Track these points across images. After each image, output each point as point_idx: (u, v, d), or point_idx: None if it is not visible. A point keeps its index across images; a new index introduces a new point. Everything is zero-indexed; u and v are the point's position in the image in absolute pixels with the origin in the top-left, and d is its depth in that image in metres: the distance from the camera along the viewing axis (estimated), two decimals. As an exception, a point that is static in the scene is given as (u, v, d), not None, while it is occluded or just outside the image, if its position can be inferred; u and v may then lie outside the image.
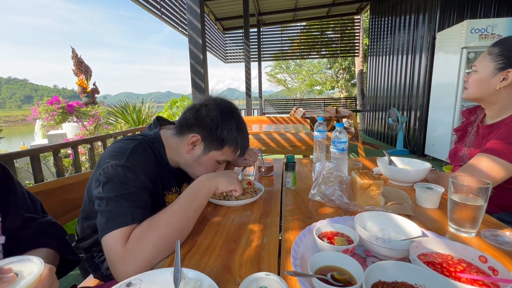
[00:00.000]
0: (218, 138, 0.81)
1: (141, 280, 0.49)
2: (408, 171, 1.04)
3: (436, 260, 0.50)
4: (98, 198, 0.66)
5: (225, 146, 0.83)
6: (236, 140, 0.83)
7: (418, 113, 4.77)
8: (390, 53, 6.00)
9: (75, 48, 6.71)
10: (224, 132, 0.81)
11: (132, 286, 0.48)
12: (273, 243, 0.65)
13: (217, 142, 0.82)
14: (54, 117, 5.19)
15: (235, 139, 0.83)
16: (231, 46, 9.68)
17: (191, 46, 2.04)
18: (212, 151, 0.83)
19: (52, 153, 1.99)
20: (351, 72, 16.61)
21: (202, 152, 0.83)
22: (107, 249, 0.60)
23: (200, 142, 0.82)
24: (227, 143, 0.83)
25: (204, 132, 0.81)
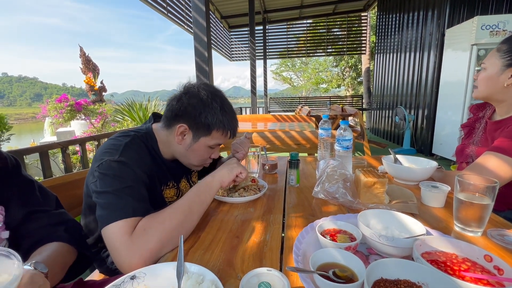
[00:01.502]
0: (204, 124, 0.82)
1: (145, 274, 0.50)
2: (413, 169, 1.03)
3: (440, 258, 0.50)
4: (96, 193, 0.67)
5: (212, 131, 0.83)
6: (222, 123, 0.83)
7: (426, 112, 4.69)
8: (398, 51, 5.90)
9: (83, 47, 6.81)
10: (209, 117, 0.81)
11: (136, 279, 0.49)
12: (275, 240, 0.66)
13: (204, 128, 0.82)
14: (63, 114, 5.28)
15: (221, 122, 0.83)
16: (237, 44, 9.68)
17: (197, 44, 2.05)
18: (201, 138, 0.84)
19: (60, 149, 2.03)
20: (357, 70, 16.42)
21: (192, 140, 0.84)
22: (109, 239, 0.60)
23: (188, 131, 0.83)
24: (214, 127, 0.83)
25: (190, 120, 0.82)
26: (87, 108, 5.56)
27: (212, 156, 0.92)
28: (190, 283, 0.47)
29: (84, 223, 0.89)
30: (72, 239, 0.64)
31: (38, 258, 0.53)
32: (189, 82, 0.88)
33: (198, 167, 0.94)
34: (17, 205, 0.60)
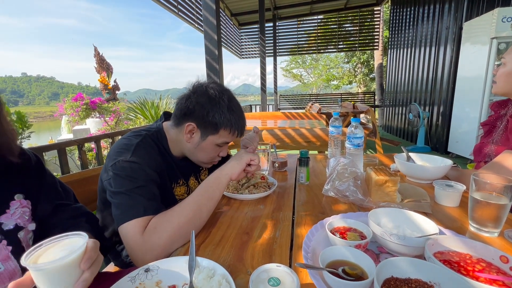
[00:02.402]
0: (211, 122, 0.83)
1: (158, 267, 0.52)
2: (427, 168, 1.00)
3: (453, 258, 0.49)
4: (110, 192, 0.70)
5: (220, 129, 0.84)
6: (230, 122, 0.84)
7: (442, 108, 4.54)
8: (412, 46, 5.73)
9: (97, 47, 6.98)
10: (216, 116, 0.82)
11: (150, 271, 0.51)
12: (285, 237, 0.66)
13: (212, 127, 0.84)
14: (79, 113, 5.46)
15: (228, 121, 0.84)
16: (247, 41, 9.66)
17: (207, 42, 2.06)
18: (209, 136, 0.85)
19: (77, 146, 2.10)
20: (369, 66, 16.06)
21: (200, 139, 0.85)
22: (125, 237, 0.64)
23: (196, 129, 0.84)
24: (221, 126, 0.84)
25: (198, 119, 0.83)
26: (101, 106, 5.72)
27: (220, 154, 0.93)
28: (201, 277, 0.48)
29: (100, 217, 0.92)
30: (92, 230, 0.67)
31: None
32: (198, 81, 0.89)
33: (207, 165, 0.96)
34: (44, 199, 0.64)
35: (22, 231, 0.57)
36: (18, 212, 0.57)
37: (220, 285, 0.45)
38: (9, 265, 0.52)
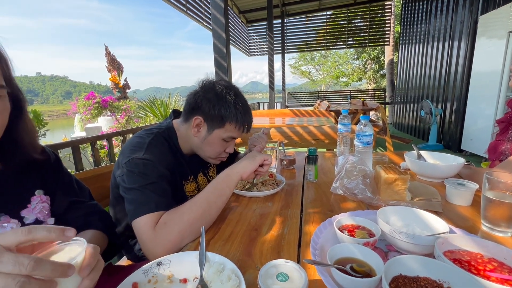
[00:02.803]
0: (217, 116, 0.85)
1: (170, 261, 0.54)
2: (438, 166, 0.99)
3: (464, 257, 0.48)
4: (124, 188, 0.73)
5: (226, 123, 0.86)
6: (235, 116, 0.86)
7: (455, 105, 4.42)
8: (424, 41, 5.58)
9: (108, 46, 7.12)
10: (222, 110, 0.85)
11: (162, 265, 0.53)
12: (293, 234, 0.67)
13: (218, 120, 0.86)
14: (91, 111, 5.59)
15: (234, 115, 0.86)
16: (255, 38, 9.63)
17: (215, 41, 2.08)
18: (215, 130, 0.87)
19: (90, 144, 2.16)
20: (380, 62, 15.74)
21: (207, 132, 0.87)
22: (138, 232, 0.67)
23: (203, 123, 0.87)
24: (227, 120, 0.86)
25: (204, 113, 0.86)
26: (112, 104, 5.84)
27: (227, 150, 0.94)
28: (211, 271, 0.49)
29: (112, 213, 0.95)
30: (105, 228, 0.70)
31: (90, 237, 0.60)
32: (207, 78, 0.91)
33: (214, 160, 0.97)
34: (61, 195, 0.66)
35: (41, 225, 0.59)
36: (38, 207, 0.60)
37: (230, 279, 0.46)
38: None
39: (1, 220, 0.53)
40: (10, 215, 0.55)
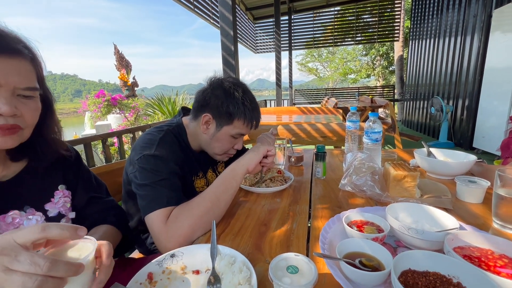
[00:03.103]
0: (226, 113, 0.86)
1: (183, 253, 0.56)
2: (448, 163, 0.97)
3: (474, 253, 0.48)
4: (136, 184, 0.75)
5: (234, 120, 0.88)
6: (243, 113, 0.87)
7: (467, 102, 4.31)
8: (436, 36, 5.45)
9: (116, 45, 7.21)
10: (230, 107, 0.86)
11: (175, 257, 0.55)
12: (302, 229, 0.68)
13: (226, 117, 0.87)
14: (101, 109, 5.70)
15: (242, 112, 0.87)
16: (262, 35, 9.59)
17: (223, 38, 2.08)
18: (224, 127, 0.88)
19: (101, 141, 2.21)
20: (389, 59, 15.45)
21: (216, 129, 0.89)
22: (150, 226, 0.69)
23: (212, 120, 0.88)
24: (235, 117, 0.87)
25: (213, 110, 0.87)
26: (121, 102, 5.93)
27: (235, 146, 0.96)
28: (223, 263, 0.51)
29: (125, 208, 0.98)
30: (119, 223, 0.73)
31: (95, 237, 0.60)
32: (215, 75, 0.93)
33: (222, 157, 0.98)
34: (82, 191, 0.70)
35: (63, 218, 0.62)
36: (61, 202, 0.62)
37: (241, 271, 0.48)
38: None
39: (27, 212, 0.56)
40: (35, 208, 0.58)
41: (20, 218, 0.54)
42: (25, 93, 0.50)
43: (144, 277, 0.49)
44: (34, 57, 0.52)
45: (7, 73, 0.47)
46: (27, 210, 0.56)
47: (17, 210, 0.54)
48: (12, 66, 0.48)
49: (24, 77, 0.49)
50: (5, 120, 0.48)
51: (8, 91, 0.48)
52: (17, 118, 0.50)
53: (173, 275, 0.51)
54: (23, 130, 0.51)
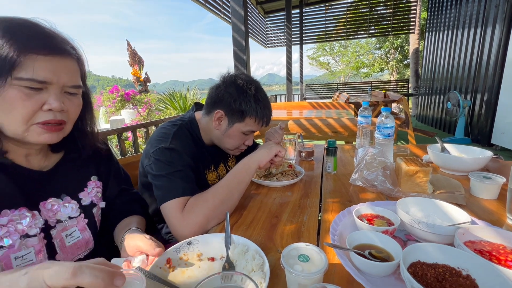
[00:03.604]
0: (238, 110, 0.88)
1: (199, 241, 0.59)
2: (463, 159, 0.96)
3: (485, 248, 0.48)
4: (152, 175, 0.79)
5: (246, 117, 0.89)
6: (255, 111, 0.89)
7: (486, 96, 4.15)
8: (454, 28, 5.23)
9: (129, 41, 7.33)
10: (243, 105, 0.87)
11: (191, 245, 0.58)
12: (312, 221, 0.69)
13: (238, 114, 0.89)
14: (115, 104, 5.85)
15: (254, 110, 0.88)
16: (272, 29, 9.49)
17: (234, 33, 2.09)
18: (235, 124, 0.90)
19: (116, 135, 2.29)
20: (404, 52, 14.96)
21: (228, 126, 0.91)
22: (166, 215, 0.72)
23: (224, 116, 0.90)
24: (247, 114, 0.89)
25: (226, 107, 0.89)
26: (134, 98, 6.07)
27: (246, 142, 0.98)
28: (236, 251, 0.54)
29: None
30: (144, 214, 0.78)
31: (134, 225, 0.66)
32: (228, 72, 0.94)
33: (233, 152, 1.01)
34: (114, 183, 0.74)
35: (95, 207, 0.67)
36: (94, 191, 0.67)
37: (254, 258, 0.50)
38: (85, 235, 0.63)
39: (64, 200, 0.61)
40: (71, 197, 0.62)
41: (58, 205, 0.59)
42: (71, 90, 0.54)
43: (163, 262, 0.53)
44: (79, 57, 0.56)
45: (58, 72, 0.50)
46: (63, 198, 0.61)
47: (55, 197, 0.59)
48: (62, 65, 0.51)
49: (71, 76, 0.53)
50: (54, 115, 0.51)
51: (58, 88, 0.51)
52: (63, 113, 0.53)
53: (190, 262, 0.55)
54: (66, 125, 0.55)
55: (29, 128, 0.50)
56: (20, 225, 0.52)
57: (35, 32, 0.49)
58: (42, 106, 0.50)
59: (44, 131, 0.52)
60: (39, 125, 0.51)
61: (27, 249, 0.52)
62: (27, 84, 0.47)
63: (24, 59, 0.46)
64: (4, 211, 0.51)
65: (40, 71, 0.48)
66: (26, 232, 0.52)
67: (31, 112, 0.49)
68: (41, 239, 0.54)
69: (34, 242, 0.53)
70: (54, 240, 0.57)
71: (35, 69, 0.47)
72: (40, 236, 0.54)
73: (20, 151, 0.56)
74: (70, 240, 0.60)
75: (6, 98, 0.47)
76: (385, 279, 0.47)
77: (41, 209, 0.56)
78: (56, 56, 0.50)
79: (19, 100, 0.48)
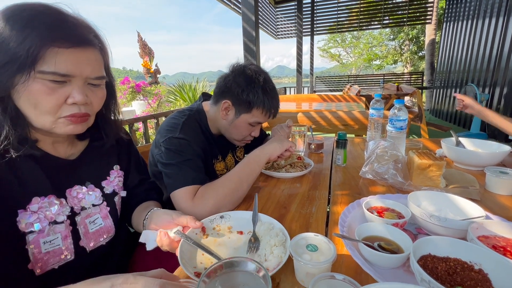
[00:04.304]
0: (245, 101, 0.88)
1: (230, 216, 0.66)
2: (479, 153, 0.93)
3: (499, 243, 0.47)
4: (162, 164, 0.80)
5: (253, 109, 0.89)
6: (263, 102, 0.88)
7: (505, 90, 3.97)
8: (474, 17, 4.99)
9: (139, 32, 7.36)
10: (250, 96, 0.87)
11: (224, 218, 0.65)
12: (321, 213, 0.70)
13: (245, 105, 0.88)
14: (126, 95, 5.94)
15: (261, 101, 0.88)
16: (283, 20, 9.29)
17: (245, 24, 2.07)
18: (242, 114, 0.90)
19: (128, 126, 2.33)
20: (419, 43, 14.42)
21: (235, 116, 0.91)
22: (176, 202, 0.74)
23: (231, 107, 0.90)
24: (255, 105, 0.88)
25: (233, 97, 0.88)
26: (145, 89, 6.13)
27: (252, 133, 0.98)
28: (263, 228, 0.58)
29: None
30: (159, 200, 0.80)
31: (153, 207, 0.69)
32: (237, 62, 0.94)
33: (239, 143, 1.01)
34: (135, 173, 0.76)
35: (116, 196, 0.69)
36: (116, 180, 0.69)
37: (277, 235, 0.55)
38: (107, 222, 0.65)
39: (88, 188, 0.63)
40: (95, 185, 0.64)
41: (82, 193, 0.61)
42: (95, 82, 0.54)
43: (198, 229, 0.60)
44: (102, 46, 0.55)
45: (80, 64, 0.50)
46: (88, 185, 0.63)
47: (80, 185, 0.61)
48: (84, 57, 0.50)
49: (94, 67, 0.52)
50: (79, 109, 0.52)
51: (81, 80, 0.51)
52: (87, 106, 0.54)
53: (222, 232, 0.62)
54: (90, 117, 0.56)
55: (56, 121, 0.51)
56: (49, 212, 0.54)
57: (57, 21, 0.48)
58: (66, 99, 0.50)
59: (70, 122, 0.52)
60: (65, 118, 0.51)
61: (55, 234, 0.55)
62: (50, 78, 0.47)
63: (46, 53, 0.46)
64: (35, 199, 0.53)
65: (62, 64, 0.47)
66: (55, 219, 0.55)
67: (55, 106, 0.49)
68: (67, 225, 0.57)
69: (61, 228, 0.56)
70: (78, 226, 0.59)
71: (57, 62, 0.47)
72: (66, 223, 0.57)
73: (47, 139, 0.57)
74: (93, 227, 0.62)
75: (32, 92, 0.47)
76: (393, 271, 0.47)
77: (67, 196, 0.58)
78: (78, 48, 0.49)
79: (43, 94, 0.48)
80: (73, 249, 0.58)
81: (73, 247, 0.58)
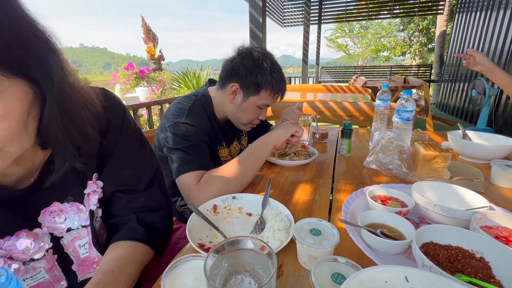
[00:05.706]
0: (254, 83, 0.87)
1: (242, 198, 0.68)
2: (485, 146, 0.92)
3: (502, 233, 0.48)
4: (168, 148, 0.81)
5: (261, 90, 0.89)
6: (271, 84, 0.88)
7: (515, 85, 3.88)
8: (488, 8, 4.82)
9: (144, 17, 7.24)
10: (258, 77, 0.87)
11: (235, 199, 0.68)
12: (324, 200, 0.70)
13: (254, 87, 0.88)
14: (130, 81, 5.91)
15: (269, 82, 0.88)
16: (290, 7, 9.06)
17: (251, 9, 2.02)
18: (250, 97, 0.90)
19: (132, 111, 2.34)
20: (429, 35, 14.04)
21: (242, 99, 0.91)
22: (182, 187, 0.75)
23: (239, 90, 0.89)
24: (263, 87, 0.88)
25: (241, 80, 0.88)
26: (149, 75, 6.10)
27: (259, 117, 0.98)
28: (270, 212, 0.60)
29: None
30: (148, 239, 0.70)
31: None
32: (243, 45, 0.93)
33: (246, 127, 1.02)
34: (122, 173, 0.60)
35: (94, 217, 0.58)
36: (91, 197, 0.58)
37: (282, 220, 0.56)
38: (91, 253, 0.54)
39: (71, 204, 0.50)
40: (79, 201, 0.51)
41: (65, 211, 0.49)
42: None
43: (210, 206, 0.64)
44: None
45: None
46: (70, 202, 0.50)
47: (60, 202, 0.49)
48: None
49: None
50: None
51: None
52: None
53: (232, 212, 0.65)
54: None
55: None
56: (20, 254, 0.43)
57: None
58: None
59: None
60: None
61: (34, 270, 0.46)
62: None
63: None
64: None
65: None
66: (29, 258, 0.45)
67: None
68: (50, 257, 0.48)
69: (41, 264, 0.46)
70: (66, 250, 0.50)
71: None
72: (48, 254, 0.47)
73: None
74: (83, 252, 0.52)
75: None
76: (395, 257, 0.48)
77: (44, 221, 0.47)
78: None
79: None
80: (64, 277, 0.50)
81: (63, 275, 0.49)
